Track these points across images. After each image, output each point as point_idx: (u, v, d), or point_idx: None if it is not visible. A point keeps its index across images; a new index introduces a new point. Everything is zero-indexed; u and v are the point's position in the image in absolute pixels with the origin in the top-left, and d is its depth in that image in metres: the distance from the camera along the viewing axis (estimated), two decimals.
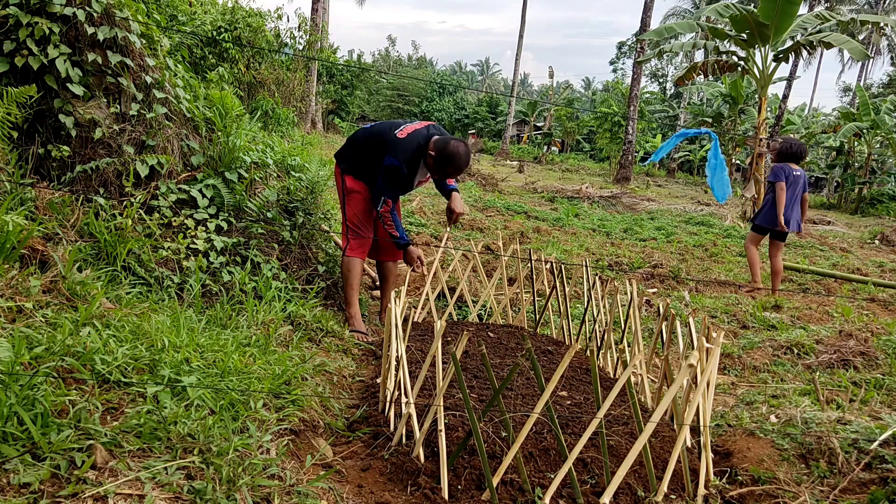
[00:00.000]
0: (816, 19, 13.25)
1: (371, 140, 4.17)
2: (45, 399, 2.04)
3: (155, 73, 4.06)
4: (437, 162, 3.98)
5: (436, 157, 3.97)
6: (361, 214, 4.23)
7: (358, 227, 4.20)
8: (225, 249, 3.93)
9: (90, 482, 1.88)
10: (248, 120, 5.30)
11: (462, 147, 3.96)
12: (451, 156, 3.93)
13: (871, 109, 20.54)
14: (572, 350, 2.16)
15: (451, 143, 3.95)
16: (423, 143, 4.00)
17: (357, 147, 4.24)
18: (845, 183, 23.16)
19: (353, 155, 4.24)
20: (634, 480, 2.38)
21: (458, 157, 3.93)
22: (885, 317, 5.69)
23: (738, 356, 4.31)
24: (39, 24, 3.43)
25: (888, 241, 11.80)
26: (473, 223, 8.67)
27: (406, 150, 3.95)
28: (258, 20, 11.67)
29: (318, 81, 20.44)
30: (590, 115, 33.89)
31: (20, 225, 2.90)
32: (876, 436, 2.58)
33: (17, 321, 2.51)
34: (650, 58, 17.71)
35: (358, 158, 4.21)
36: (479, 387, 3.07)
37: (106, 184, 3.74)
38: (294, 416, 2.60)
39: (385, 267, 4.54)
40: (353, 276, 4.20)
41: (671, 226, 11.05)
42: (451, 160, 3.94)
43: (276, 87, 12.70)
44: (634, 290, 3.54)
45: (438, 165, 3.99)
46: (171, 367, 2.51)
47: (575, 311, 4.86)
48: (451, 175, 4.07)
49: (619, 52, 54.86)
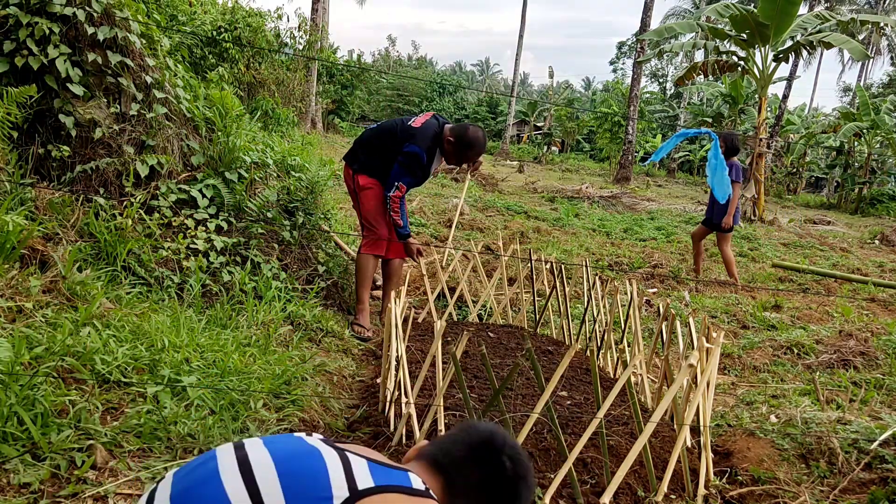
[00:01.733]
0: (816, 19, 13.25)
1: (383, 136, 4.22)
2: (45, 399, 2.04)
3: (155, 73, 4.06)
4: (457, 148, 4.09)
5: (455, 143, 4.08)
6: (375, 211, 4.25)
7: (373, 225, 4.23)
8: (225, 249, 3.93)
9: (90, 482, 1.88)
10: (248, 120, 5.29)
11: (480, 132, 4.10)
12: (471, 141, 4.07)
13: (871, 109, 20.53)
14: (572, 350, 2.16)
15: (470, 128, 4.09)
16: (438, 131, 4.11)
17: (367, 145, 4.27)
18: (845, 183, 23.16)
19: (364, 154, 4.27)
20: (634, 480, 2.38)
21: (479, 141, 4.08)
22: (885, 317, 5.69)
23: (738, 356, 4.31)
24: (39, 24, 3.43)
25: (888, 241, 11.80)
26: (473, 223, 8.67)
27: (425, 137, 4.04)
28: (258, 20, 11.66)
29: (318, 81, 20.43)
30: (590, 115, 33.89)
31: (20, 225, 2.89)
32: (876, 436, 2.58)
33: (17, 321, 2.51)
34: (650, 58, 17.71)
35: (370, 156, 4.24)
36: (479, 387, 3.07)
37: (106, 184, 3.74)
38: (294, 416, 2.60)
39: (390, 265, 4.55)
40: (366, 273, 4.26)
41: (671, 226, 11.05)
42: (472, 145, 4.08)
43: (276, 87, 12.70)
44: (634, 290, 3.54)
45: (458, 151, 4.11)
46: (171, 367, 2.51)
47: (575, 311, 4.86)
48: (471, 159, 4.22)
49: (619, 52, 54.83)
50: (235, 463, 1.22)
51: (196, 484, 1.21)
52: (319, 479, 1.19)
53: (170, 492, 1.22)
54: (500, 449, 1.38)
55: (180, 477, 1.25)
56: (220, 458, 1.24)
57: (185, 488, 1.21)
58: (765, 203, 14.45)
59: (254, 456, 1.24)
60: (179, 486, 1.22)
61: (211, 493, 1.17)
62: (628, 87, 25.97)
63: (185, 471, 1.27)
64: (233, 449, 1.27)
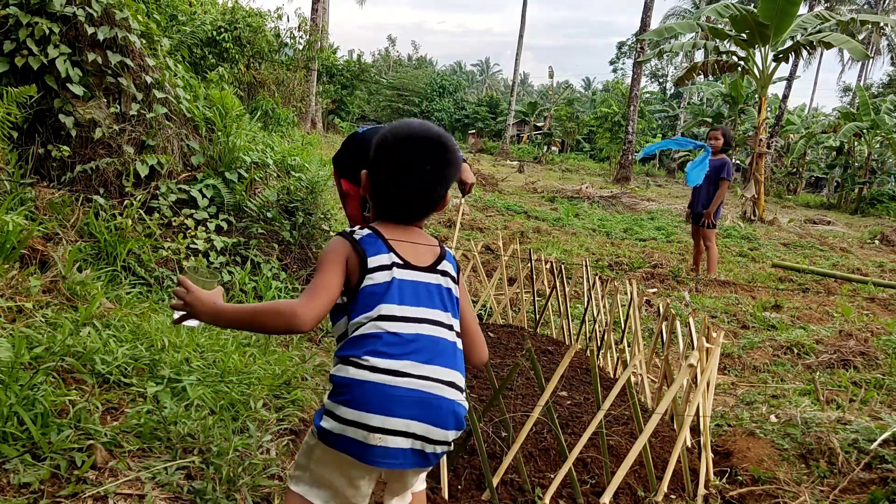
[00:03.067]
0: (816, 19, 13.25)
1: (364, 146, 4.16)
2: (45, 399, 2.04)
3: (155, 73, 4.06)
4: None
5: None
6: (357, 217, 4.24)
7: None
8: (225, 249, 3.93)
9: (90, 482, 1.88)
10: (248, 120, 5.30)
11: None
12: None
13: (871, 109, 20.53)
14: (572, 350, 2.16)
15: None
16: None
17: (351, 152, 4.24)
18: (845, 183, 23.16)
19: (348, 159, 4.26)
20: (634, 480, 2.38)
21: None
22: (885, 317, 5.69)
23: (738, 356, 4.31)
24: (39, 24, 3.43)
25: (888, 241, 11.80)
26: (473, 223, 8.67)
27: None
28: (258, 20, 11.66)
29: (318, 81, 20.43)
30: (590, 115, 33.89)
31: (20, 225, 2.89)
32: (876, 436, 2.58)
33: (17, 321, 2.51)
34: (650, 58, 17.71)
35: (354, 164, 4.22)
36: (479, 387, 3.07)
37: (106, 184, 3.74)
38: (294, 416, 2.60)
39: None
40: None
41: (671, 226, 11.05)
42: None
43: (276, 87, 12.70)
44: (634, 290, 3.54)
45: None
46: (171, 367, 2.51)
47: (575, 311, 4.86)
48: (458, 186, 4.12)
49: (619, 52, 54.83)
50: None
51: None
52: None
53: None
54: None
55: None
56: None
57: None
58: (765, 203, 14.45)
59: None
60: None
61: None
62: (628, 87, 25.97)
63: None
64: None
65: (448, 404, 1.44)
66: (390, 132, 1.56)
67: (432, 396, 1.42)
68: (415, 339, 1.45)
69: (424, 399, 1.41)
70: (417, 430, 1.40)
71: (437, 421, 1.42)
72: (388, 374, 1.40)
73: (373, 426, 1.37)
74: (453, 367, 1.49)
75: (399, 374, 1.40)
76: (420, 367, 1.43)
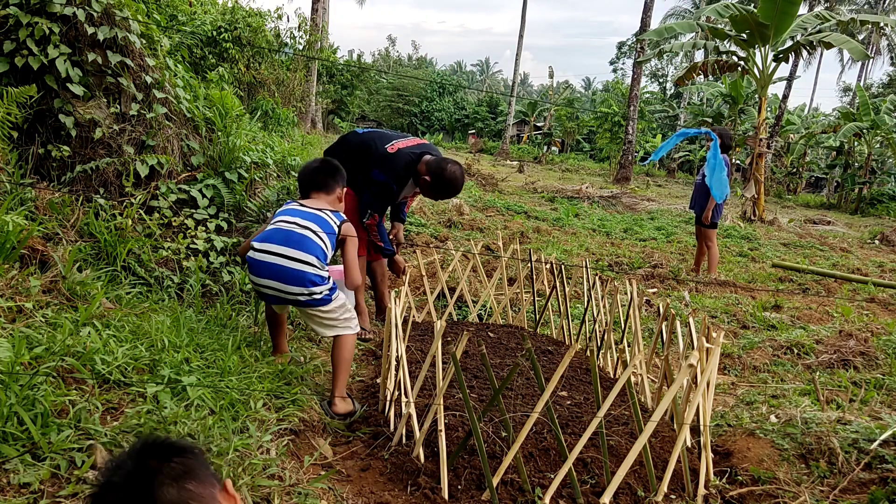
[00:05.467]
0: (816, 19, 13.25)
1: (360, 149, 4.10)
2: (45, 399, 2.04)
3: (155, 73, 4.06)
4: (433, 186, 3.83)
5: (431, 182, 3.81)
6: (350, 216, 4.23)
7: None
8: (225, 249, 3.93)
9: (90, 482, 1.88)
10: (248, 120, 5.30)
11: (458, 171, 3.81)
12: (448, 181, 3.78)
13: (871, 109, 20.52)
14: (572, 350, 2.16)
15: (448, 166, 3.77)
16: (413, 160, 3.88)
17: (346, 153, 4.21)
18: (845, 183, 23.15)
19: (343, 160, 4.24)
20: (634, 480, 2.38)
21: (456, 182, 3.79)
22: (885, 317, 5.69)
23: (738, 356, 4.31)
24: (39, 24, 3.43)
25: (888, 241, 11.80)
26: (473, 223, 8.66)
27: (396, 166, 3.84)
28: (258, 20, 11.66)
29: (318, 81, 20.42)
30: (590, 115, 33.90)
31: (20, 225, 2.89)
32: (876, 436, 2.58)
33: (17, 321, 2.51)
34: (650, 58, 17.72)
35: (346, 165, 4.20)
36: (479, 387, 3.07)
37: (106, 184, 3.74)
38: (294, 416, 2.60)
39: (372, 267, 4.54)
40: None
41: (671, 226, 11.05)
42: (449, 185, 3.79)
43: (276, 87, 12.69)
44: (634, 290, 3.54)
45: (434, 189, 3.85)
46: (171, 367, 2.51)
47: (575, 311, 4.86)
48: (446, 198, 3.99)
49: (619, 52, 54.80)
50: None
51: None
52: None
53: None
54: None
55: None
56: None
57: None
58: (765, 203, 14.45)
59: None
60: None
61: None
62: (628, 87, 25.97)
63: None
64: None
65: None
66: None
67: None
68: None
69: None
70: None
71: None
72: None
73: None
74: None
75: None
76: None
